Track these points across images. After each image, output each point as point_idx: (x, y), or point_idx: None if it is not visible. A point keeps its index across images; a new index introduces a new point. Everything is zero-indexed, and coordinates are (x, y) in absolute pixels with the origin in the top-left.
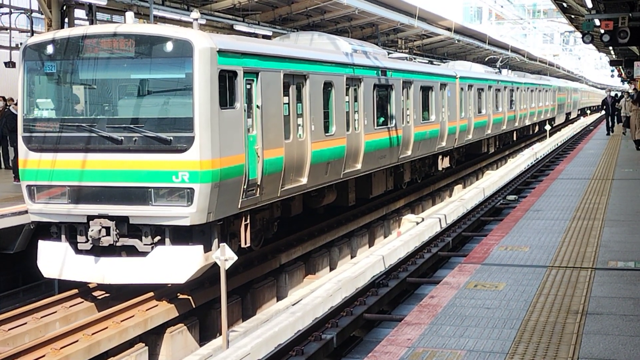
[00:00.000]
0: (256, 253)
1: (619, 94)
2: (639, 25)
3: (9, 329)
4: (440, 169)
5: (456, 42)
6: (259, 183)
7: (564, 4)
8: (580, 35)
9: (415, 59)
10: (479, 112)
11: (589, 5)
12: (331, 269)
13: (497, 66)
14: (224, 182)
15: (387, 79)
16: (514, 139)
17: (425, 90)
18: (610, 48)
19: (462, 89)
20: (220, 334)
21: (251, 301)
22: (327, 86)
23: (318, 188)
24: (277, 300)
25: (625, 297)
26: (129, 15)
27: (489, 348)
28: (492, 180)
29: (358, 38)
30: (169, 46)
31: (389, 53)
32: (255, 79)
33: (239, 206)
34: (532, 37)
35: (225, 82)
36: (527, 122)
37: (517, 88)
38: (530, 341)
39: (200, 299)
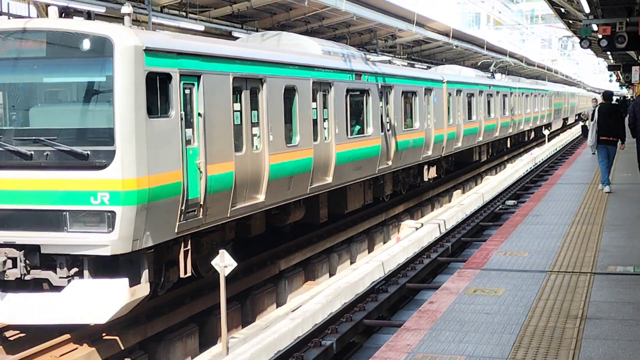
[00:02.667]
0: (255, 259)
1: (619, 97)
2: (636, 30)
3: None
4: (426, 179)
5: (454, 47)
6: (201, 203)
7: (562, 10)
8: (578, 40)
9: (413, 64)
10: (469, 118)
11: (587, 10)
12: (330, 275)
13: (491, 70)
14: (154, 203)
15: (363, 83)
16: (508, 146)
17: (408, 95)
18: (608, 53)
19: (449, 94)
20: (220, 341)
21: (251, 307)
22: (290, 91)
23: (280, 205)
24: (277, 307)
25: (624, 302)
26: (52, 9)
27: (489, 353)
28: (491, 185)
29: (356, 44)
30: (86, 44)
31: (366, 55)
32: (196, 83)
33: (176, 230)
34: (530, 43)
35: (156, 87)
36: (523, 128)
37: (511, 93)
38: (529, 346)
39: (200, 305)
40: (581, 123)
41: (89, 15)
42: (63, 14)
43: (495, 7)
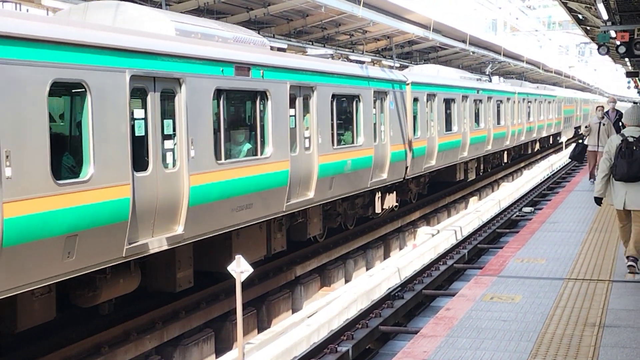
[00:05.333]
0: (271, 265)
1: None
2: None
3: None
4: (378, 211)
5: (471, 53)
6: None
7: (580, 16)
8: (596, 47)
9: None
10: (448, 129)
11: (605, 17)
12: (346, 281)
13: (488, 73)
14: None
15: (253, 82)
16: (505, 160)
17: (344, 100)
18: (627, 59)
19: (416, 99)
20: (236, 346)
21: (266, 313)
22: (81, 91)
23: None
24: (293, 313)
25: None
26: None
27: None
28: (508, 192)
29: (372, 50)
30: None
31: (270, 42)
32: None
33: None
34: (547, 49)
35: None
36: (524, 140)
37: (508, 99)
38: (547, 354)
39: (216, 310)
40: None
41: None
42: None
43: (512, 14)
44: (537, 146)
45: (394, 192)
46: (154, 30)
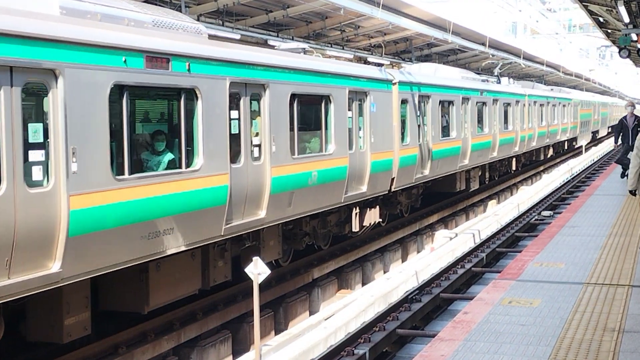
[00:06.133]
0: (289, 267)
1: None
2: None
3: None
4: (356, 229)
5: (490, 56)
6: None
7: (601, 19)
8: (617, 50)
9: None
10: (446, 135)
11: (626, 19)
12: (364, 284)
13: (496, 73)
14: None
15: (174, 76)
16: (513, 168)
17: (309, 101)
18: None
19: (404, 100)
20: (253, 348)
21: (283, 315)
22: None
23: None
24: (310, 315)
25: None
26: None
27: None
28: (527, 195)
29: (392, 53)
30: None
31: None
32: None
33: None
34: (567, 52)
35: None
36: (536, 145)
37: (518, 102)
38: (566, 359)
39: (233, 312)
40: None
41: None
42: None
43: (532, 17)
44: (551, 152)
45: (377, 207)
46: (35, 9)
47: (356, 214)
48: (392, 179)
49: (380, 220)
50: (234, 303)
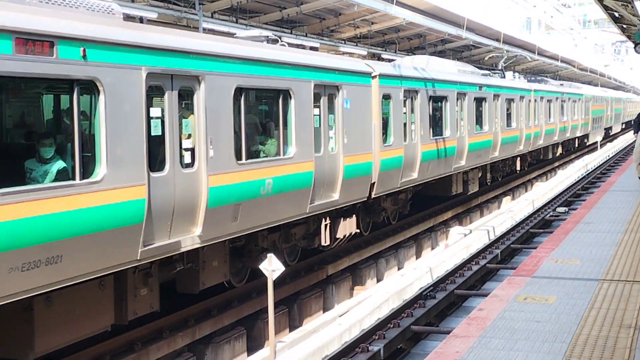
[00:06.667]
0: (303, 264)
1: None
2: None
3: None
4: (325, 243)
5: (505, 52)
6: None
7: (616, 14)
8: (633, 45)
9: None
10: (438, 134)
11: None
12: (378, 281)
13: (500, 67)
14: None
15: (62, 65)
16: (518, 168)
17: (262, 96)
18: None
19: (387, 96)
20: (267, 345)
21: (298, 312)
22: None
23: None
24: (324, 312)
25: None
26: None
27: None
28: (542, 191)
29: (406, 49)
30: None
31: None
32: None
33: None
34: (582, 47)
35: None
36: (542, 143)
37: (522, 97)
38: (581, 356)
39: (247, 309)
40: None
41: (140, 21)
42: None
43: (547, 12)
44: (560, 150)
45: (353, 217)
46: None
47: (326, 225)
48: (372, 184)
49: (358, 230)
50: (248, 300)
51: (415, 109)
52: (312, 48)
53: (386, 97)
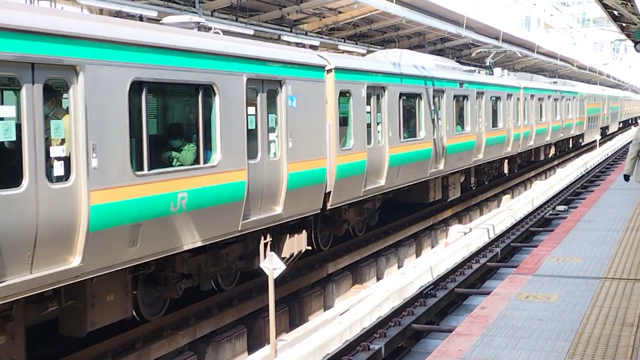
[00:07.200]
0: (303, 262)
1: None
2: None
3: None
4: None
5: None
6: None
7: (615, 12)
8: (632, 44)
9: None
10: (411, 135)
11: None
12: (378, 279)
13: (489, 64)
14: None
15: None
16: (506, 171)
17: (173, 92)
18: None
19: (346, 93)
20: (268, 343)
21: (298, 310)
22: None
23: None
24: (325, 310)
25: None
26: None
27: None
28: (541, 190)
29: (405, 47)
30: None
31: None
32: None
33: None
34: (581, 46)
35: None
36: (533, 144)
37: (510, 95)
38: (584, 354)
39: (248, 307)
40: None
41: (140, 19)
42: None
43: (546, 11)
44: (553, 151)
45: (303, 232)
46: None
47: (266, 244)
48: (328, 194)
49: (309, 247)
50: (249, 298)
51: (382, 107)
52: (311, 47)
53: (344, 94)
